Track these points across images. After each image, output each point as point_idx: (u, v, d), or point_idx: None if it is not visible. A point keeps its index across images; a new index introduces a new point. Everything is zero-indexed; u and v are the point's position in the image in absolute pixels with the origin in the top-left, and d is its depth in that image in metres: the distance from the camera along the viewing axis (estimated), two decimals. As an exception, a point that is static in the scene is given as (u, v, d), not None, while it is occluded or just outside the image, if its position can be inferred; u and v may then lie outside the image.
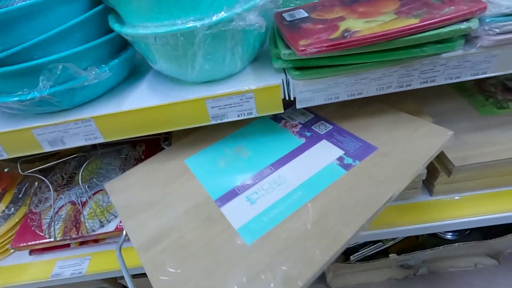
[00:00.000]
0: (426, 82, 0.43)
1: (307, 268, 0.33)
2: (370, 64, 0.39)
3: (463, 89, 0.62)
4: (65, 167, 0.68)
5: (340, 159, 0.44)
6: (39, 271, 0.58)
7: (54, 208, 0.56)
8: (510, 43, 0.39)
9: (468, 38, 0.39)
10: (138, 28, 0.35)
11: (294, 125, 0.52)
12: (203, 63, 0.39)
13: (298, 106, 0.43)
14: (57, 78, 0.38)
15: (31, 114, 0.46)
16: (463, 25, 0.36)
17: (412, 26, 0.35)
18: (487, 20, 0.37)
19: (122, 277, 0.65)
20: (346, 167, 0.43)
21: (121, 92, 0.47)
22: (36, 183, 0.64)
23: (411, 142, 0.45)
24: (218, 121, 0.45)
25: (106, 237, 0.57)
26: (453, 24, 0.36)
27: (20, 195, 0.63)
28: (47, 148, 0.47)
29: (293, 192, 0.41)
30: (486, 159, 0.49)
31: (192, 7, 0.33)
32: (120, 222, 0.56)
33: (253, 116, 0.44)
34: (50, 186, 0.57)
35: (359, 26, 0.37)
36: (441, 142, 0.43)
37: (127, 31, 0.36)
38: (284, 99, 0.43)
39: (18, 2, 0.38)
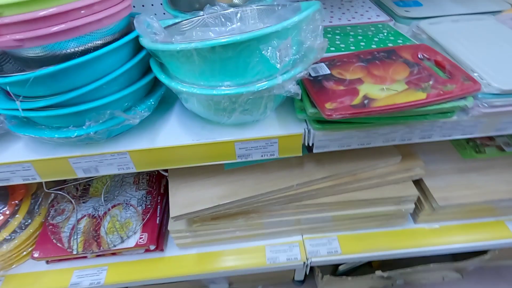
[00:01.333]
0: (424, 138, 0.50)
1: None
2: (381, 124, 0.46)
3: (448, 130, 0.71)
4: (78, 178, 0.70)
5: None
6: (57, 280, 0.61)
7: (76, 222, 0.60)
8: (495, 114, 0.47)
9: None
10: (187, 86, 0.39)
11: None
12: (238, 115, 0.44)
13: (314, 151, 0.49)
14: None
15: (67, 144, 0.48)
16: (461, 102, 0.43)
17: (421, 101, 0.41)
18: (479, 96, 0.45)
19: None
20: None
21: (152, 124, 0.51)
22: (52, 195, 0.67)
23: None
24: (243, 159, 0.50)
25: (127, 250, 0.61)
26: (453, 100, 0.43)
27: (36, 206, 0.65)
28: (81, 175, 0.50)
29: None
30: (464, 201, 0.58)
31: (240, 76, 0.38)
32: (140, 238, 0.60)
33: (274, 157, 0.50)
34: (73, 202, 0.60)
35: (376, 93, 0.44)
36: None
37: (177, 87, 0.40)
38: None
39: (70, 47, 0.39)
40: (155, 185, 0.68)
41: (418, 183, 0.61)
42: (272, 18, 0.49)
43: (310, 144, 0.49)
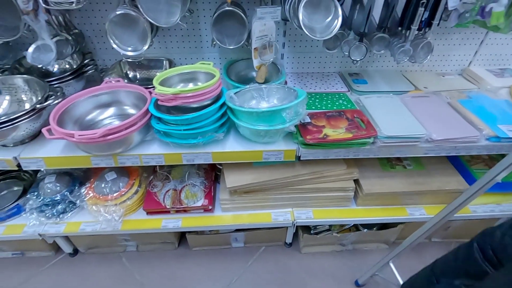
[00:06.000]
0: (355, 156, 1.01)
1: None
2: (333, 147, 0.97)
3: (379, 155, 1.23)
4: (162, 170, 1.19)
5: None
6: (154, 223, 1.09)
7: (172, 190, 1.08)
8: (386, 146, 0.98)
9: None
10: (247, 124, 0.90)
11: (296, 164, 1.09)
12: (267, 139, 0.94)
13: (301, 159, 1.00)
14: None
15: (182, 146, 0.97)
16: (368, 140, 0.95)
17: (350, 138, 0.93)
18: (378, 137, 0.97)
19: (191, 232, 1.17)
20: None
21: (222, 140, 1.00)
22: (151, 177, 1.15)
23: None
24: (265, 160, 1.00)
25: (194, 209, 1.09)
26: (365, 138, 0.95)
27: (141, 183, 1.13)
28: (185, 162, 0.99)
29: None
30: (380, 191, 1.09)
31: (270, 122, 0.89)
32: (204, 202, 1.09)
33: (280, 160, 1.00)
34: (171, 178, 1.09)
35: (330, 133, 0.95)
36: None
37: (242, 124, 0.90)
38: (295, 155, 0.99)
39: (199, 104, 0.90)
40: (209, 175, 1.18)
41: (356, 181, 1.12)
42: (283, 96, 1.01)
43: (299, 155, 1.00)
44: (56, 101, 0.93)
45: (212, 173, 1.20)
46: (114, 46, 0.96)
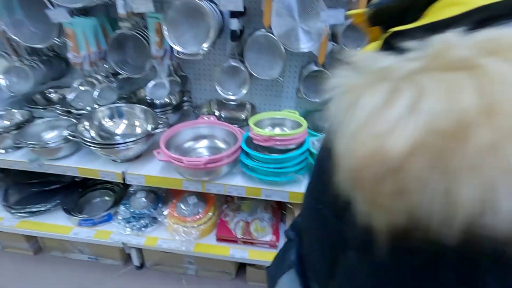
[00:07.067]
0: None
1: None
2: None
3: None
4: (234, 201, 1.29)
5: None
6: (222, 250, 1.16)
7: (244, 222, 1.17)
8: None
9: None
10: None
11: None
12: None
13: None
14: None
15: (263, 182, 1.08)
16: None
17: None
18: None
19: (251, 265, 1.22)
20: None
21: (299, 181, 1.09)
22: (224, 206, 1.26)
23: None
24: (337, 206, 1.06)
25: (261, 243, 1.16)
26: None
27: (215, 211, 1.24)
28: (263, 197, 1.08)
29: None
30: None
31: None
32: (272, 237, 1.15)
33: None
34: (242, 209, 1.18)
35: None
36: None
37: (323, 170, 0.99)
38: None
39: (286, 148, 1.02)
40: (276, 213, 1.25)
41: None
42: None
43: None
44: (163, 129, 1.11)
45: (279, 212, 1.27)
46: (219, 91, 1.14)
